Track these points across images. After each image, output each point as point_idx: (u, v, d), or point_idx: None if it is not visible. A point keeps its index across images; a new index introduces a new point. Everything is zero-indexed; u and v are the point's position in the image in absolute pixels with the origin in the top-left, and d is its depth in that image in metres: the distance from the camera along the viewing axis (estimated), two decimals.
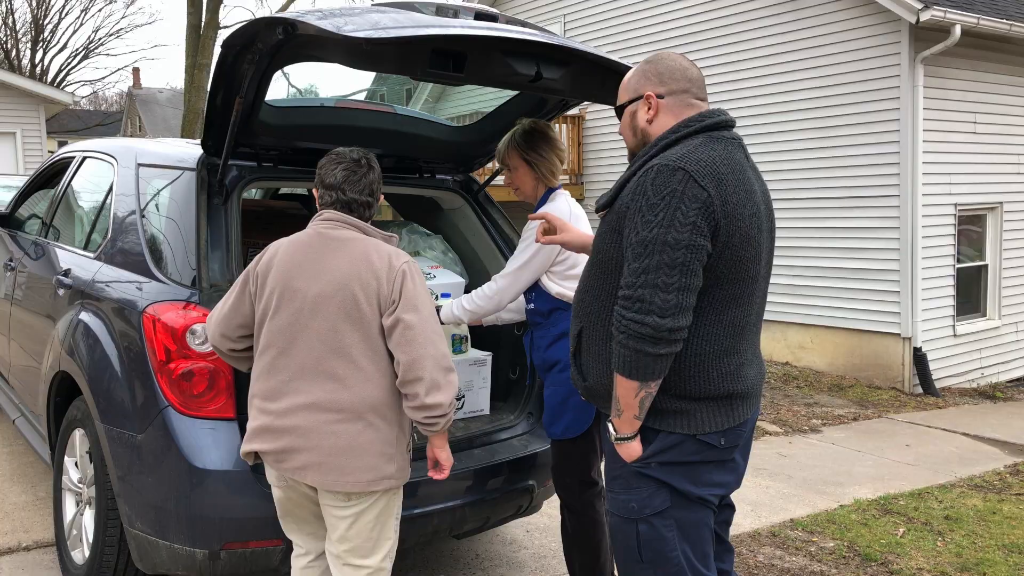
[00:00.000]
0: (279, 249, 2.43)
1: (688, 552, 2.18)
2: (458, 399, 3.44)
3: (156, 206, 3.22)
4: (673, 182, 2.02)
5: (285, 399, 2.33)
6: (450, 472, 3.01)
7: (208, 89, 2.87)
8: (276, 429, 2.34)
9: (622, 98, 2.31)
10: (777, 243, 9.47)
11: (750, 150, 9.50)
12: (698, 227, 2.00)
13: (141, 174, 3.38)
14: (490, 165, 9.52)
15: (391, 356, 2.35)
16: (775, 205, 9.33)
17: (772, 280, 9.47)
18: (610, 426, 2.18)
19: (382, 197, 2.55)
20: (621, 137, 2.37)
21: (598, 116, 11.81)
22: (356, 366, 2.31)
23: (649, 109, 2.23)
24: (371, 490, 2.34)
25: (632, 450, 2.17)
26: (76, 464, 3.39)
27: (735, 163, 2.12)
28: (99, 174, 3.84)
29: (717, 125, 2.17)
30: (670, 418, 2.13)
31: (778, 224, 9.45)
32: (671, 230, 1.99)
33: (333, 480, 2.31)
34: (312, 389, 2.31)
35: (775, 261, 9.48)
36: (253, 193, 4.96)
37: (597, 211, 2.28)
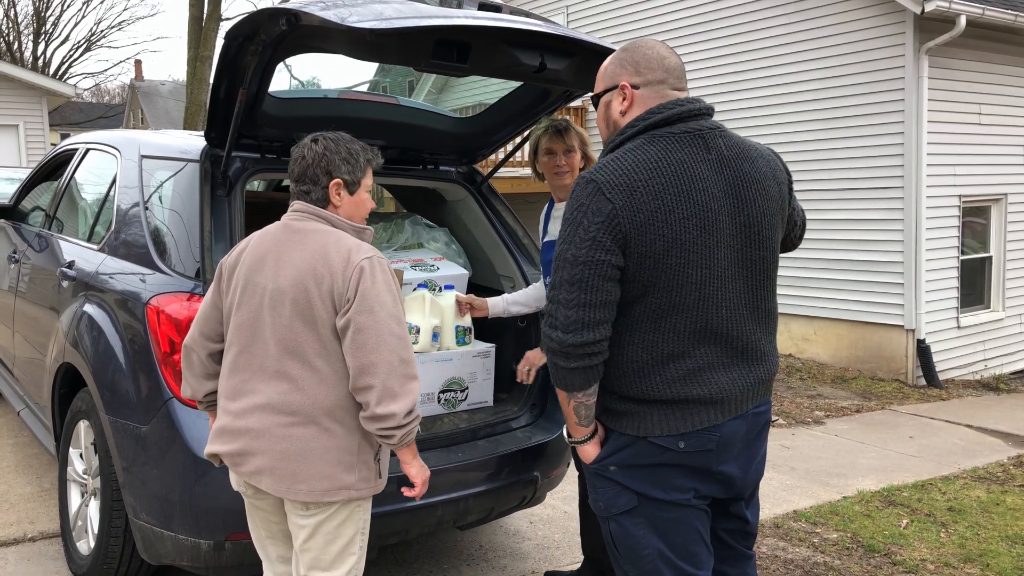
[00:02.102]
0: (249, 242, 2.31)
1: (665, 550, 2.13)
2: (461, 390, 3.44)
3: (159, 198, 3.22)
4: (583, 195, 1.99)
5: (242, 399, 2.22)
6: (452, 464, 3.05)
7: (211, 81, 2.85)
8: (233, 430, 2.23)
9: (598, 87, 2.21)
10: None
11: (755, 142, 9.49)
12: (598, 242, 1.95)
13: (144, 166, 3.38)
14: (493, 157, 9.48)
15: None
16: None
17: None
18: (564, 430, 2.20)
19: (336, 182, 2.28)
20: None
21: None
22: (311, 367, 2.17)
23: (624, 100, 2.12)
24: (327, 500, 2.20)
25: (586, 453, 2.17)
26: (81, 455, 3.40)
27: (667, 165, 1.99)
28: (102, 166, 3.84)
29: (667, 120, 2.04)
30: (622, 419, 2.11)
31: None
32: (571, 246, 1.98)
33: (286, 487, 2.18)
34: (266, 389, 2.19)
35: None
36: (256, 185, 4.96)
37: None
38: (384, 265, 2.22)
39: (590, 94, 2.32)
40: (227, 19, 17.92)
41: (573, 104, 11.74)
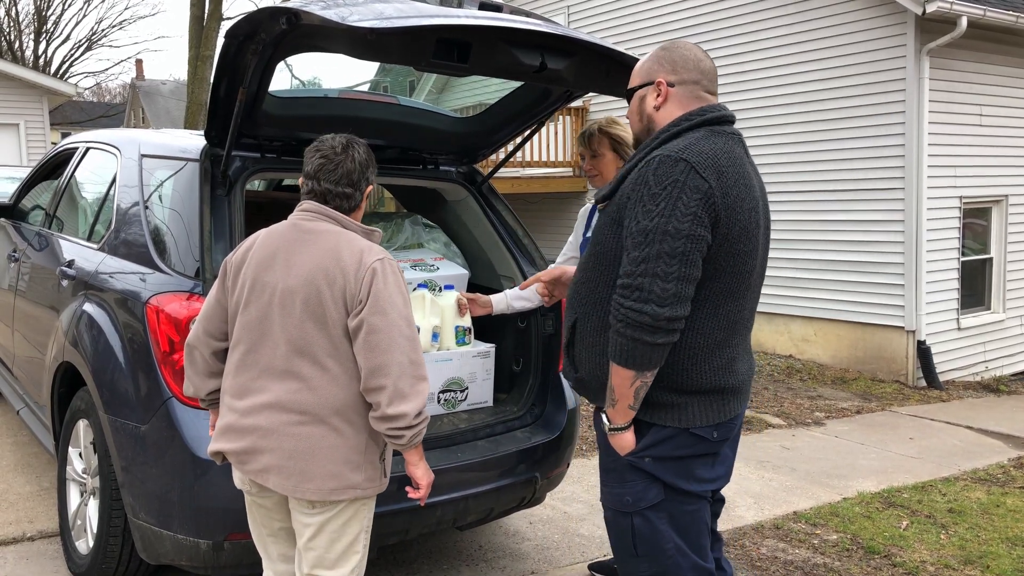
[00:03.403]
0: (256, 240, 2.31)
1: (682, 544, 2.19)
2: (461, 391, 3.44)
3: (159, 197, 3.21)
4: (675, 172, 2.03)
5: (250, 397, 2.22)
6: (452, 464, 3.04)
7: (211, 80, 2.85)
8: (239, 428, 2.23)
9: (633, 81, 2.32)
10: (782, 236, 9.46)
11: (754, 142, 9.50)
12: (699, 217, 2.01)
13: (144, 165, 3.37)
14: (493, 157, 9.48)
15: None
16: (780, 198, 9.33)
17: (776, 273, 9.46)
18: (603, 417, 2.19)
19: (370, 188, 2.36)
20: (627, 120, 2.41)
21: (602, 108, 11.78)
22: (321, 367, 2.18)
23: (658, 96, 2.24)
24: (334, 499, 2.21)
25: (625, 441, 2.17)
26: (80, 455, 3.40)
27: (735, 157, 2.13)
28: (102, 165, 3.84)
29: (719, 120, 2.18)
30: (662, 411, 2.14)
31: (783, 216, 9.44)
32: (672, 219, 2.00)
33: (294, 486, 2.19)
34: (275, 388, 2.20)
35: (779, 254, 9.47)
36: (256, 184, 4.96)
37: (597, 202, 2.29)
38: (395, 267, 2.24)
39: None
40: (228, 18, 17.93)
41: (574, 104, 11.78)
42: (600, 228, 2.23)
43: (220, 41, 3.38)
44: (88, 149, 4.13)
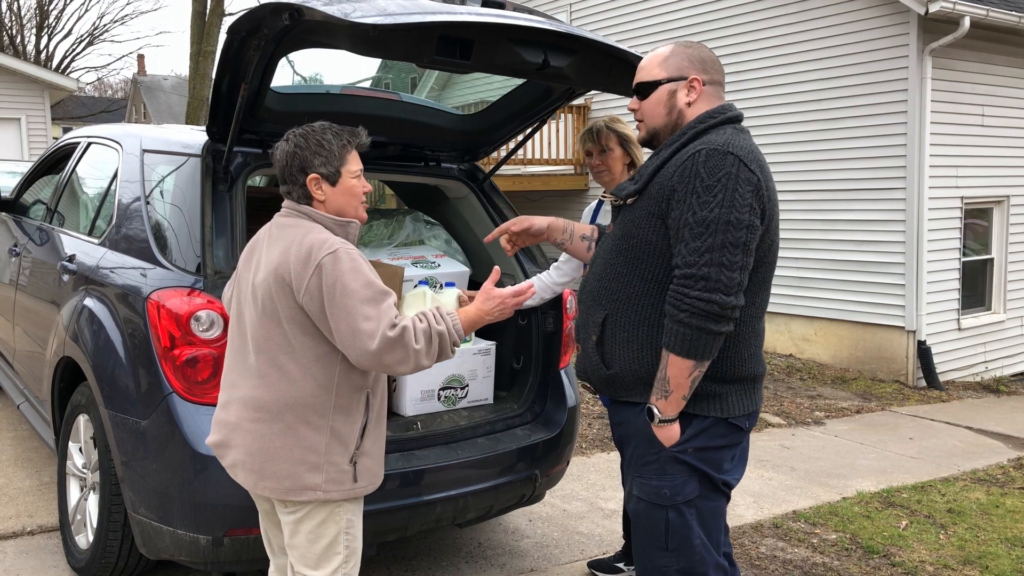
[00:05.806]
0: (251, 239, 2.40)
1: (705, 539, 2.22)
2: (461, 388, 3.44)
3: (161, 192, 3.21)
4: (726, 165, 2.07)
5: (227, 391, 2.29)
6: (452, 461, 3.05)
7: (213, 76, 2.85)
8: (217, 421, 2.31)
9: (658, 74, 2.29)
10: (783, 235, 9.45)
11: (757, 142, 9.50)
12: (754, 208, 2.08)
13: (146, 160, 3.37)
14: (495, 154, 9.44)
15: (319, 355, 2.18)
16: (781, 197, 9.30)
17: (777, 272, 9.45)
18: (654, 409, 2.17)
19: (314, 176, 2.24)
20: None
21: (604, 106, 11.77)
22: (276, 364, 2.18)
23: (691, 92, 2.26)
24: (290, 499, 2.19)
25: (673, 433, 2.18)
26: (80, 449, 3.40)
27: (761, 153, 2.20)
28: (104, 160, 3.84)
29: (737, 118, 2.25)
30: (705, 402, 2.18)
31: (784, 216, 9.43)
32: (733, 210, 2.04)
33: (253, 482, 2.20)
34: (243, 383, 2.23)
35: (780, 253, 9.45)
36: (258, 180, 4.96)
37: (624, 197, 2.27)
38: (348, 253, 2.15)
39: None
40: (230, 14, 17.88)
41: (575, 102, 11.73)
42: (632, 222, 2.22)
43: (222, 37, 3.37)
44: (90, 144, 4.12)
